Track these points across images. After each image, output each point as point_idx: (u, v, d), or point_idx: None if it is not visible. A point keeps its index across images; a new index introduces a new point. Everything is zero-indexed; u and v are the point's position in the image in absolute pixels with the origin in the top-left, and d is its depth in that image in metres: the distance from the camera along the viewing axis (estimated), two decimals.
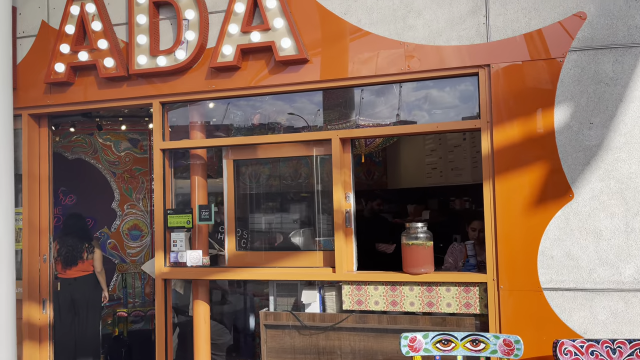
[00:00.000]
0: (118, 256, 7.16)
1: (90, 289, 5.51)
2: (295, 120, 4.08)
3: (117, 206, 7.22)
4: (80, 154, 7.15)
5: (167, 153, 3.90)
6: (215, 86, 3.68)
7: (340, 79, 3.49)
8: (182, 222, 3.80)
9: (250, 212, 4.35)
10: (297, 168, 6.50)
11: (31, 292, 4.08)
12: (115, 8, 3.90)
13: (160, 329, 3.80)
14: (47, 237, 4.19)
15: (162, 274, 3.80)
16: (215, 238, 4.50)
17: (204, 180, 4.01)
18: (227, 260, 3.84)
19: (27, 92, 4.07)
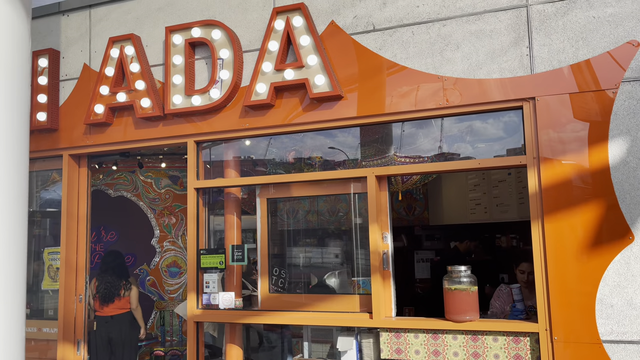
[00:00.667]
0: (157, 293, 7.15)
1: (126, 327, 5.48)
2: (331, 156, 3.98)
3: (157, 243, 7.26)
4: (123, 191, 7.28)
5: (201, 192, 3.86)
6: (249, 124, 3.64)
7: (375, 115, 3.38)
8: (215, 262, 3.72)
9: (285, 252, 4.23)
10: (335, 204, 6.38)
11: (66, 332, 4.05)
12: (153, 49, 3.96)
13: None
14: (83, 277, 4.19)
15: (194, 316, 3.70)
16: (250, 277, 4.39)
17: (237, 220, 3.93)
18: (260, 302, 3.71)
19: (68, 133, 4.15)
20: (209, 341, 5.76)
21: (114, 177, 7.29)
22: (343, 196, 6.36)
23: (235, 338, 3.78)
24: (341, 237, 5.64)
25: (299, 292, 3.86)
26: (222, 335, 4.04)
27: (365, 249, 3.63)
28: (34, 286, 4.65)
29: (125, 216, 7.22)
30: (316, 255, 5.60)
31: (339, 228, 6.21)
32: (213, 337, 4.18)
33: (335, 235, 5.84)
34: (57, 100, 4.20)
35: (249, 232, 7.22)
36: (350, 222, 4.84)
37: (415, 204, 8.40)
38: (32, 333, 4.17)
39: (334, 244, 5.76)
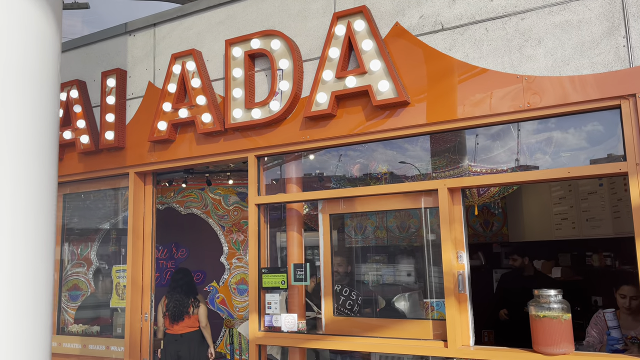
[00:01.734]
0: (226, 311, 7.11)
1: (195, 345, 5.43)
2: (398, 168, 3.70)
3: (226, 260, 7.25)
4: (193, 208, 7.35)
5: (262, 208, 3.71)
6: (309, 137, 3.46)
7: (446, 121, 3.08)
8: (276, 282, 3.53)
9: (351, 271, 3.98)
10: (405, 220, 6.05)
11: (132, 351, 4.02)
12: (213, 64, 3.90)
13: None
14: (148, 295, 4.16)
15: (256, 338, 3.53)
16: (316, 298, 4.17)
17: (299, 237, 3.74)
18: (324, 325, 3.47)
19: (133, 151, 4.18)
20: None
21: (184, 195, 7.39)
22: (414, 211, 6.05)
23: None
24: (412, 255, 5.33)
25: (367, 315, 3.59)
26: (286, 357, 3.84)
27: (439, 268, 3.31)
28: (104, 303, 4.70)
29: (195, 233, 7.29)
30: (385, 274, 5.30)
31: (409, 245, 5.87)
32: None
33: (405, 253, 5.52)
34: (124, 118, 4.25)
35: (316, 249, 7.03)
36: (422, 239, 4.54)
37: (492, 219, 7.85)
38: (100, 351, 4.18)
39: (404, 262, 5.44)
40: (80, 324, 4.67)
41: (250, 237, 3.65)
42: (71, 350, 4.34)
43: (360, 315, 3.62)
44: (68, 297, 6.56)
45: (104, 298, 4.84)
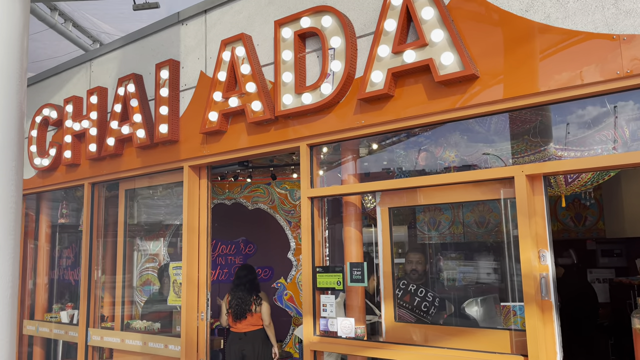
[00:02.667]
0: (294, 308, 6.92)
1: (259, 345, 5.25)
2: (469, 154, 3.25)
3: (293, 256, 7.05)
4: (260, 203, 7.23)
5: (316, 201, 3.41)
6: (364, 121, 3.10)
7: (524, 96, 2.59)
8: (332, 282, 3.22)
9: (413, 271, 3.58)
10: (484, 214, 5.55)
11: (189, 351, 3.89)
12: (263, 48, 3.65)
13: None
14: (204, 293, 4.01)
15: (310, 344, 3.24)
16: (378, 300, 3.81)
17: (358, 233, 3.39)
18: (385, 332, 3.11)
19: (187, 144, 4.04)
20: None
21: (251, 190, 7.28)
22: (494, 204, 5.52)
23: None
24: (492, 252, 4.85)
25: (435, 321, 3.19)
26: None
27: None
28: (165, 301, 4.64)
29: (263, 229, 7.16)
30: (462, 274, 4.86)
31: (489, 242, 5.40)
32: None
33: (485, 251, 5.06)
34: (178, 111, 4.12)
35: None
36: (502, 234, 4.07)
37: (585, 212, 7.03)
38: (159, 349, 4.10)
39: (483, 260, 4.98)
40: (144, 320, 4.64)
41: (303, 233, 3.36)
42: (132, 347, 4.30)
43: (430, 322, 3.21)
44: (142, 292, 6.67)
45: (165, 295, 4.79)
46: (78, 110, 4.86)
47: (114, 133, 4.43)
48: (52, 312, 5.44)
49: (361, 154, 3.52)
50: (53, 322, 5.23)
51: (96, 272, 4.86)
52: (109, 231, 5.12)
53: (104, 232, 5.06)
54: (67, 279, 5.98)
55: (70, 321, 5.13)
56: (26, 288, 5.74)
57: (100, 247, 4.97)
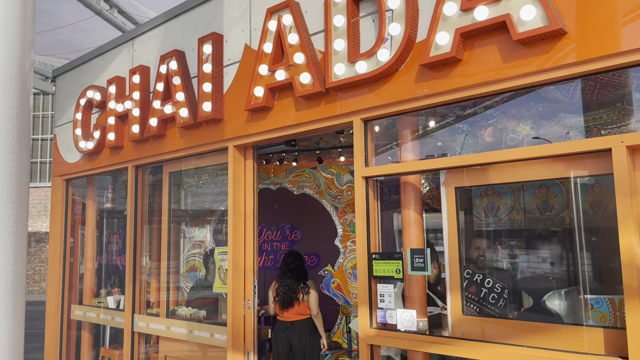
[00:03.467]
0: (342, 297, 6.66)
1: (307, 334, 5.03)
2: (546, 126, 2.86)
3: (340, 242, 6.78)
4: (305, 188, 6.98)
5: (371, 182, 3.10)
6: (427, 90, 2.76)
7: (621, 53, 2.19)
8: (390, 270, 2.92)
9: (483, 259, 3.24)
10: (546, 198, 5.17)
11: (235, 341, 3.69)
12: (312, 15, 3.35)
13: None
14: (251, 280, 3.79)
15: (366, 337, 2.95)
16: (439, 291, 3.49)
17: (418, 216, 3.07)
18: (451, 326, 2.78)
19: (232, 123, 3.81)
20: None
21: (296, 174, 7.04)
22: (558, 189, 5.12)
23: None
24: (557, 240, 4.44)
25: (506, 315, 2.84)
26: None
27: (595, 255, 2.48)
28: (211, 287, 4.47)
29: (309, 214, 6.92)
30: (524, 264, 4.47)
31: (553, 229, 4.99)
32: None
33: (548, 239, 4.66)
34: (222, 87, 3.89)
35: (439, 233, 6.28)
36: (570, 220, 3.68)
37: None
38: (205, 338, 3.92)
39: (546, 249, 4.57)
40: (190, 307, 4.49)
41: (357, 216, 3.07)
42: (178, 335, 4.15)
43: (499, 316, 2.87)
44: (188, 278, 6.58)
45: (211, 282, 4.62)
46: (121, 91, 4.72)
47: (156, 113, 4.26)
48: (99, 297, 5.39)
49: (421, 129, 3.18)
50: (100, 307, 5.17)
51: (141, 257, 4.74)
52: (154, 216, 4.99)
53: (149, 216, 4.93)
54: (115, 264, 5.93)
55: (116, 306, 5.05)
56: (75, 273, 5.72)
57: (145, 232, 4.84)
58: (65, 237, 5.48)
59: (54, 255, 5.49)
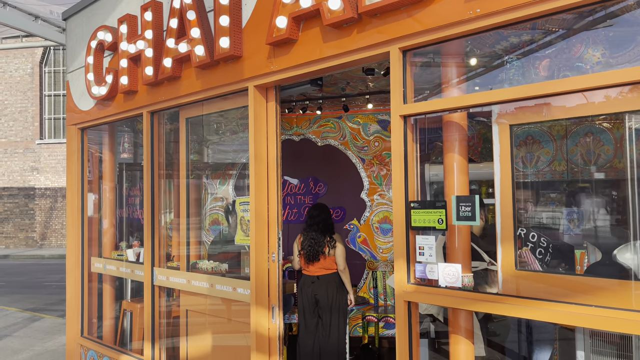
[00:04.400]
0: (368, 252, 6.42)
1: (333, 289, 4.81)
2: (622, 53, 2.43)
3: (367, 196, 6.48)
4: (330, 139, 6.64)
5: (410, 122, 2.74)
6: (480, 9, 2.34)
7: None
8: (431, 220, 2.59)
9: (521, 211, 2.89)
10: (593, 147, 4.82)
11: (259, 296, 3.46)
12: None
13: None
14: (275, 232, 3.51)
15: (403, 293, 2.67)
16: (487, 243, 3.16)
17: (463, 161, 2.72)
18: (501, 282, 2.47)
19: (252, 60, 3.45)
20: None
21: (320, 125, 6.68)
22: (605, 136, 4.72)
23: (462, 329, 2.64)
24: (603, 192, 4.12)
25: (566, 272, 2.51)
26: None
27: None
28: (232, 241, 4.23)
29: (333, 166, 6.60)
30: (566, 218, 4.15)
31: (598, 180, 4.64)
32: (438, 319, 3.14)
33: (593, 191, 4.33)
34: (240, 21, 3.51)
35: (473, 185, 5.88)
36: (620, 170, 3.38)
37: None
38: (227, 292, 3.70)
39: (591, 202, 4.24)
40: (211, 260, 4.27)
41: (394, 161, 2.72)
42: (199, 289, 3.94)
43: (554, 271, 2.54)
44: (210, 232, 6.39)
45: (233, 234, 4.39)
46: (133, 30, 4.37)
47: (170, 52, 3.91)
48: (119, 250, 5.23)
49: (468, 61, 2.78)
50: (121, 260, 5.01)
51: (160, 209, 4.51)
52: (172, 167, 4.72)
53: (167, 167, 4.66)
54: (137, 217, 5.75)
55: (136, 259, 4.88)
56: (94, 226, 5.56)
57: (162, 182, 4.59)
58: (82, 188, 5.29)
59: (72, 206, 5.32)
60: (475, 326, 2.94)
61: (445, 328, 3.55)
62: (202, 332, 4.11)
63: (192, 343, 4.20)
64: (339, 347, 4.76)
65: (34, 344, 6.76)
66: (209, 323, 4.06)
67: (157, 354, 4.33)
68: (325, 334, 4.78)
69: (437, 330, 4.80)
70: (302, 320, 4.86)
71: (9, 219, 20.21)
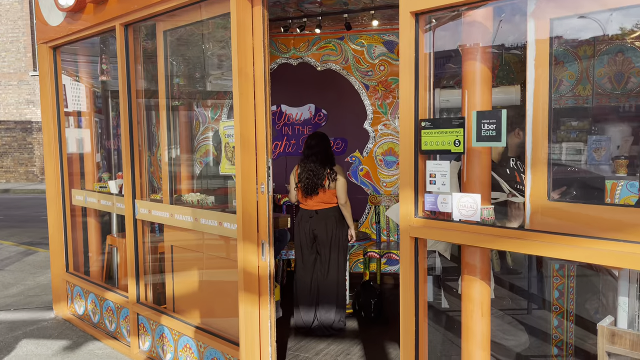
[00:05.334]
0: (371, 185, 6.02)
1: (333, 224, 4.45)
2: None
3: (370, 126, 6.00)
4: (330, 63, 6.07)
5: (423, 21, 2.22)
6: None
7: None
8: (446, 142, 2.14)
9: (561, 137, 2.43)
10: (620, 67, 4.37)
11: (247, 231, 3.08)
12: None
13: (408, 316, 2.32)
14: (264, 159, 3.08)
15: (409, 228, 2.26)
16: (505, 172, 2.73)
17: (487, 70, 2.22)
18: (529, 214, 2.05)
19: None
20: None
21: (319, 47, 6.09)
22: (636, 56, 4.26)
23: (478, 270, 2.25)
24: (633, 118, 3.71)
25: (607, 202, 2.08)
26: (457, 259, 2.57)
27: None
28: (216, 169, 3.81)
29: (334, 93, 6.08)
30: (591, 148, 3.77)
31: (629, 105, 4.24)
32: (444, 258, 2.77)
33: (623, 117, 3.95)
34: None
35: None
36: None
37: None
38: (212, 227, 3.33)
39: (619, 130, 3.85)
40: (198, 192, 3.88)
41: (402, 69, 2.23)
42: (183, 224, 3.57)
43: (593, 202, 2.12)
44: (202, 164, 5.97)
45: (214, 162, 3.97)
46: None
47: None
48: (102, 181, 4.85)
49: None
50: (103, 192, 4.64)
51: (141, 135, 4.07)
52: (156, 91, 4.23)
53: (148, 90, 4.17)
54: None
55: (119, 191, 4.50)
56: (75, 157, 5.15)
57: (142, 106, 4.11)
58: (58, 113, 4.83)
59: (47, 134, 4.89)
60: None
61: (452, 264, 3.18)
62: (189, 269, 3.79)
63: (178, 280, 3.89)
64: (338, 284, 4.47)
65: (26, 278, 6.57)
66: (196, 259, 3.73)
67: (142, 292, 4.04)
68: (323, 271, 4.47)
69: (445, 266, 4.48)
70: (299, 257, 4.55)
71: (7, 153, 19.92)
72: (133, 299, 4.05)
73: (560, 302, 3.60)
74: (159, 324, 3.80)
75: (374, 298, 4.84)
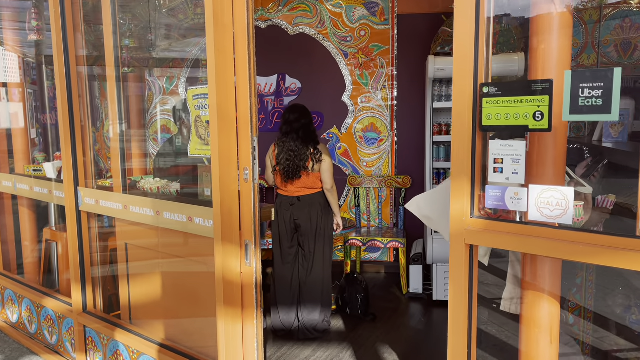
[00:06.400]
0: (350, 165, 5.43)
1: (317, 212, 3.84)
2: None
3: (349, 99, 5.37)
4: (304, 26, 5.36)
5: None
6: None
7: None
8: (521, 115, 1.54)
9: None
10: (627, 33, 4.04)
11: (227, 229, 2.40)
12: None
13: (459, 339, 1.75)
14: (248, 137, 2.40)
15: (463, 232, 1.67)
16: (576, 159, 2.19)
17: (567, 14, 1.63)
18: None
19: None
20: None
21: (292, 7, 5.36)
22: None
23: (547, 285, 1.70)
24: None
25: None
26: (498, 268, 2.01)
27: None
28: (185, 152, 3.09)
29: (308, 61, 5.39)
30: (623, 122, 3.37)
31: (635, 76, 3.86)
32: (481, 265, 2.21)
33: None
34: None
35: None
36: None
37: None
38: (180, 223, 2.63)
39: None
40: (157, 178, 3.14)
41: (457, 18, 1.61)
42: (140, 218, 2.85)
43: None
44: (157, 141, 5.17)
45: (186, 143, 3.25)
46: None
47: None
48: (36, 163, 4.00)
49: None
50: (37, 176, 3.80)
51: (82, 109, 3.28)
52: (98, 54, 3.42)
53: (89, 53, 3.36)
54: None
55: (58, 175, 3.70)
56: (3, 135, 4.27)
57: (84, 74, 3.31)
58: None
59: None
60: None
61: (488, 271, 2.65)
62: (149, 271, 3.09)
63: (135, 285, 3.18)
64: (323, 282, 3.88)
65: None
66: (158, 260, 3.03)
67: (89, 299, 3.31)
68: (307, 267, 3.86)
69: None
70: (277, 250, 3.91)
71: None
72: (78, 307, 3.31)
73: (577, 298, 3.19)
74: (112, 339, 3.09)
75: (360, 293, 4.30)
